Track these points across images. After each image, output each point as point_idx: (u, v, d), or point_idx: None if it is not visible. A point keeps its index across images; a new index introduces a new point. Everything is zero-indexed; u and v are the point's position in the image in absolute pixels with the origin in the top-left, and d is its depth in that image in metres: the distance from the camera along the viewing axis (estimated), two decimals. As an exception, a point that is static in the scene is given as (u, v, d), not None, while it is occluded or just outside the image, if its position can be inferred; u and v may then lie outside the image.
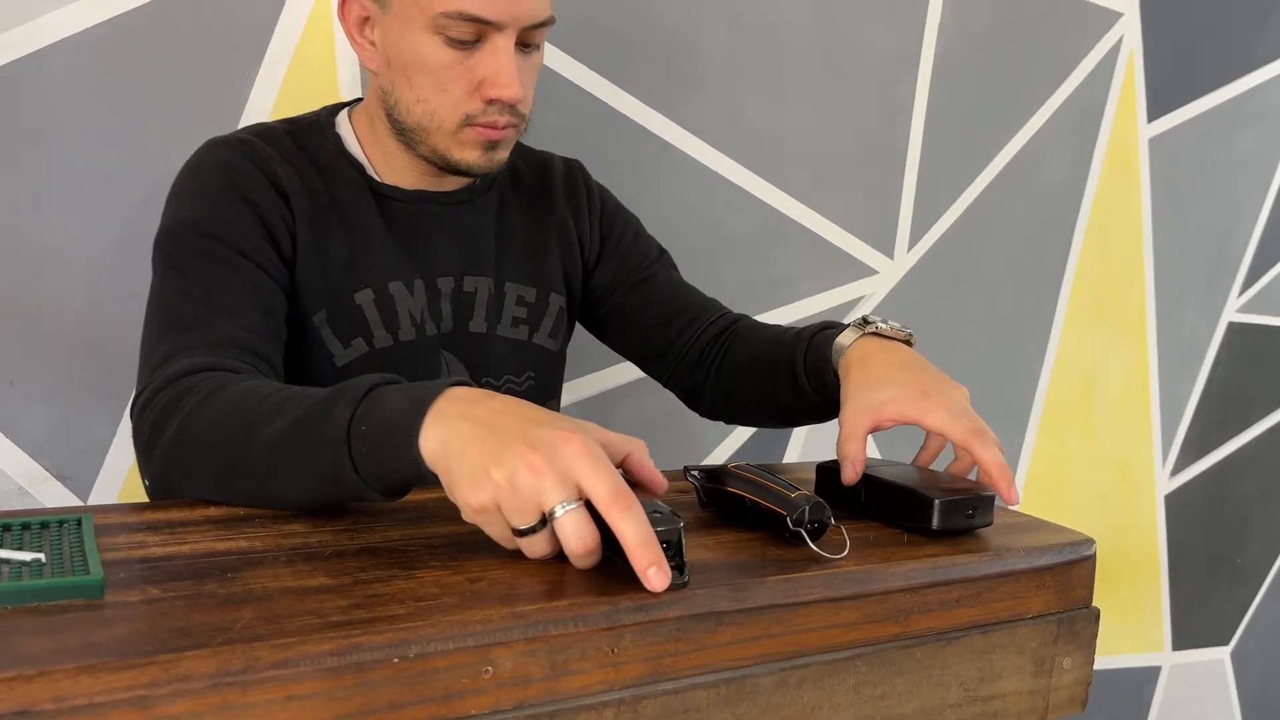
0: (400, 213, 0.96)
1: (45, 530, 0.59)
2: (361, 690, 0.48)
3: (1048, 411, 1.82)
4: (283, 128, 0.96)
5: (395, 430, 0.59)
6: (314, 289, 0.91)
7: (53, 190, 1.05)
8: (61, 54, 1.04)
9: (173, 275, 0.84)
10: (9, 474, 1.07)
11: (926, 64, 1.57)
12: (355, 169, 0.95)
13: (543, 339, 1.03)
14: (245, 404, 0.68)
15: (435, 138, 0.90)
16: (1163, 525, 2.02)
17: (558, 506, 0.55)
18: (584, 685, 0.54)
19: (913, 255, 1.62)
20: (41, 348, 1.07)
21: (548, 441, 0.55)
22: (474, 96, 0.87)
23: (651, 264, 1.09)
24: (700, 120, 1.40)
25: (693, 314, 1.06)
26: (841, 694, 0.63)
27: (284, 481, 0.64)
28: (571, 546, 0.56)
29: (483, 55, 0.86)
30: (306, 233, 0.91)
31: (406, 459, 0.58)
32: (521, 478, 0.55)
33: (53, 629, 0.47)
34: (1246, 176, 1.96)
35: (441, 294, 0.97)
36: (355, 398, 0.61)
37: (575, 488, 0.55)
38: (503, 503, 0.56)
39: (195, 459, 0.69)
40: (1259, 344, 2.06)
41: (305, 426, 0.63)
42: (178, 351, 0.77)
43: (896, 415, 0.77)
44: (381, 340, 0.93)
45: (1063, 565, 0.73)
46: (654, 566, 0.55)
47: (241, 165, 0.89)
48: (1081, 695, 0.75)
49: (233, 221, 0.86)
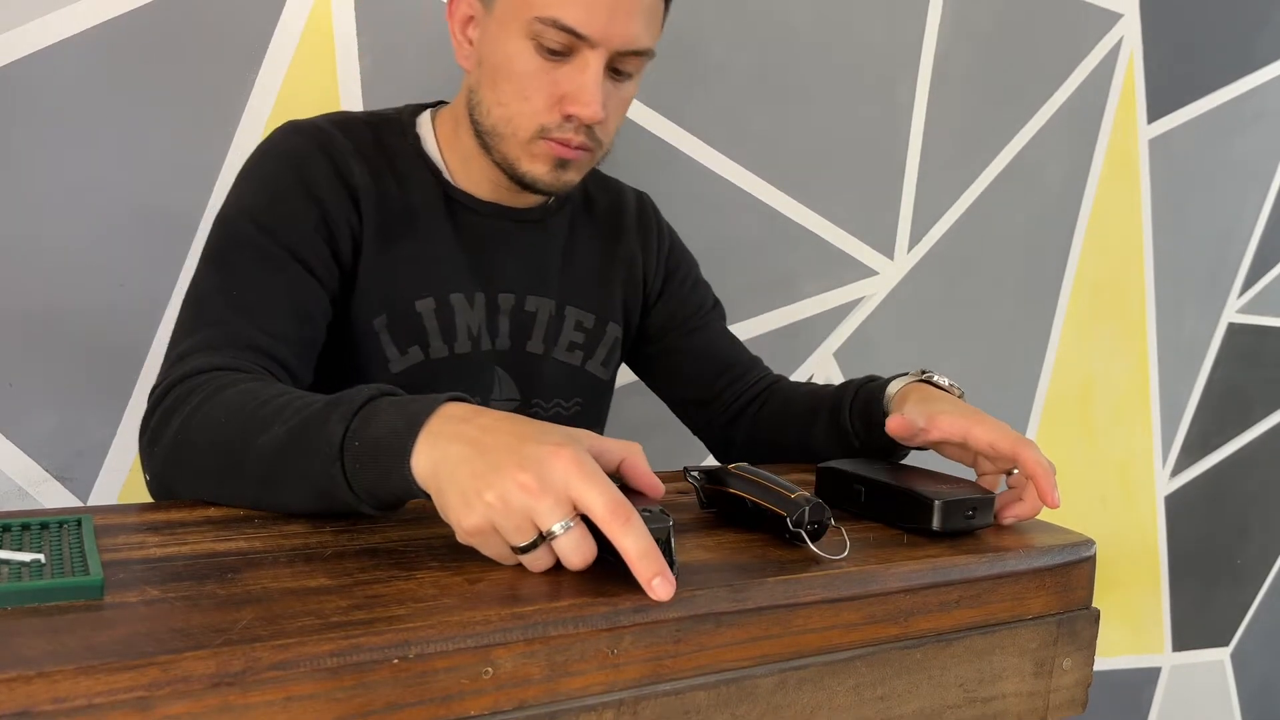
0: (471, 223, 0.95)
1: (45, 531, 0.59)
2: (361, 691, 0.48)
3: (1048, 412, 1.82)
4: (363, 120, 0.94)
5: (388, 449, 0.58)
6: (377, 293, 0.90)
7: (53, 192, 1.05)
8: (61, 56, 1.04)
9: (215, 267, 0.83)
10: (9, 474, 1.07)
11: (926, 65, 1.57)
12: (432, 173, 0.94)
13: (595, 367, 1.03)
14: (243, 408, 0.68)
15: (508, 144, 0.89)
16: (1163, 526, 2.02)
17: (555, 526, 0.54)
18: (584, 686, 0.54)
19: (913, 256, 1.62)
20: (42, 349, 1.07)
21: (538, 458, 0.54)
22: (553, 109, 0.86)
23: (706, 313, 1.10)
24: (701, 120, 1.40)
25: (740, 370, 1.08)
26: (841, 695, 0.63)
27: (280, 490, 0.64)
28: (571, 563, 0.56)
29: (570, 69, 0.85)
30: (374, 238, 0.90)
31: (398, 478, 0.58)
32: (514, 498, 0.54)
33: (52, 630, 0.47)
34: (1246, 177, 1.96)
35: (501, 310, 0.96)
36: (350, 411, 0.61)
37: (570, 504, 0.55)
38: (498, 523, 0.55)
39: (194, 461, 0.69)
40: (1259, 345, 2.06)
41: (301, 438, 0.63)
42: (199, 349, 0.77)
43: (948, 426, 0.80)
44: (437, 351, 0.92)
45: (1062, 566, 0.73)
46: (658, 577, 0.54)
47: (315, 159, 0.88)
48: (1081, 696, 0.75)
49: (292, 217, 0.85)
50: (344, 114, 0.95)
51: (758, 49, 1.43)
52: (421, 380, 0.91)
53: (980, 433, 0.78)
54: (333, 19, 1.14)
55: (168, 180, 0.89)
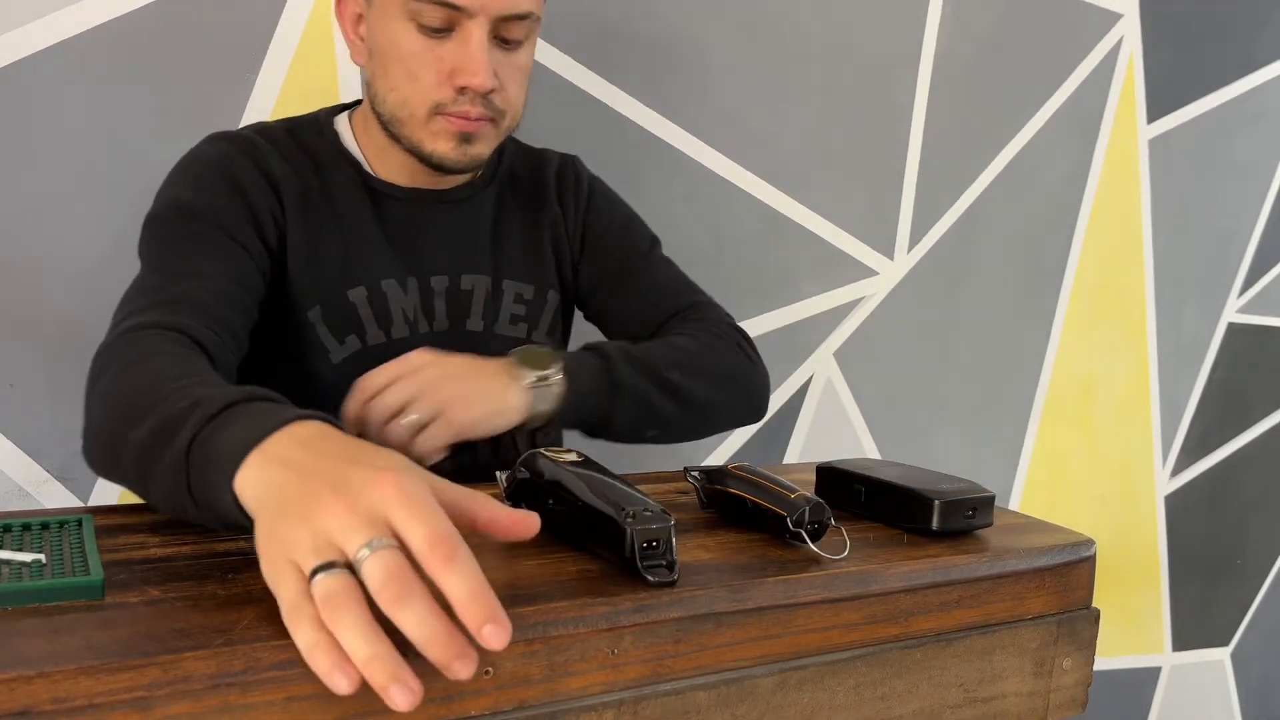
0: (395, 210, 0.96)
1: (46, 531, 0.59)
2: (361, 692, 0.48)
3: (1048, 412, 1.82)
4: (282, 126, 0.97)
5: (218, 463, 0.54)
6: (307, 285, 0.91)
7: (52, 193, 1.05)
8: (61, 57, 1.04)
9: (152, 253, 0.85)
10: (10, 475, 1.07)
11: (926, 65, 1.57)
12: (352, 166, 0.96)
13: (541, 336, 1.03)
14: (135, 392, 0.65)
15: (408, 127, 0.90)
16: (1163, 526, 2.02)
17: (362, 549, 0.46)
18: (584, 686, 0.54)
19: (913, 256, 1.62)
20: (42, 350, 1.07)
21: (358, 482, 0.48)
22: (445, 85, 0.87)
23: (637, 259, 1.07)
24: (700, 121, 1.41)
25: (667, 314, 1.03)
26: (841, 695, 0.63)
27: (150, 489, 0.61)
28: (382, 595, 0.45)
29: (454, 44, 0.87)
30: (298, 228, 0.91)
31: (224, 498, 0.53)
32: (319, 520, 0.47)
33: (53, 630, 0.47)
34: (1246, 177, 1.96)
35: (435, 292, 0.97)
36: (205, 415, 0.57)
37: (386, 528, 0.47)
38: (296, 550, 0.47)
39: (95, 448, 0.68)
40: (1259, 344, 2.06)
41: (160, 437, 0.58)
42: (134, 312, 0.78)
43: None
44: (374, 338, 0.94)
45: (1062, 566, 0.73)
46: (489, 624, 0.45)
47: (236, 158, 0.90)
48: (1081, 696, 0.75)
49: (220, 206, 0.87)
50: (263, 123, 0.97)
51: (758, 49, 1.43)
52: (364, 368, 0.91)
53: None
54: (333, 20, 1.15)
55: (168, 181, 0.90)
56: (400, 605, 0.45)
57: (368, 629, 0.45)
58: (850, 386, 1.61)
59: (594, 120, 1.33)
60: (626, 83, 1.34)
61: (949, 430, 1.72)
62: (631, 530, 0.57)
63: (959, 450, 1.73)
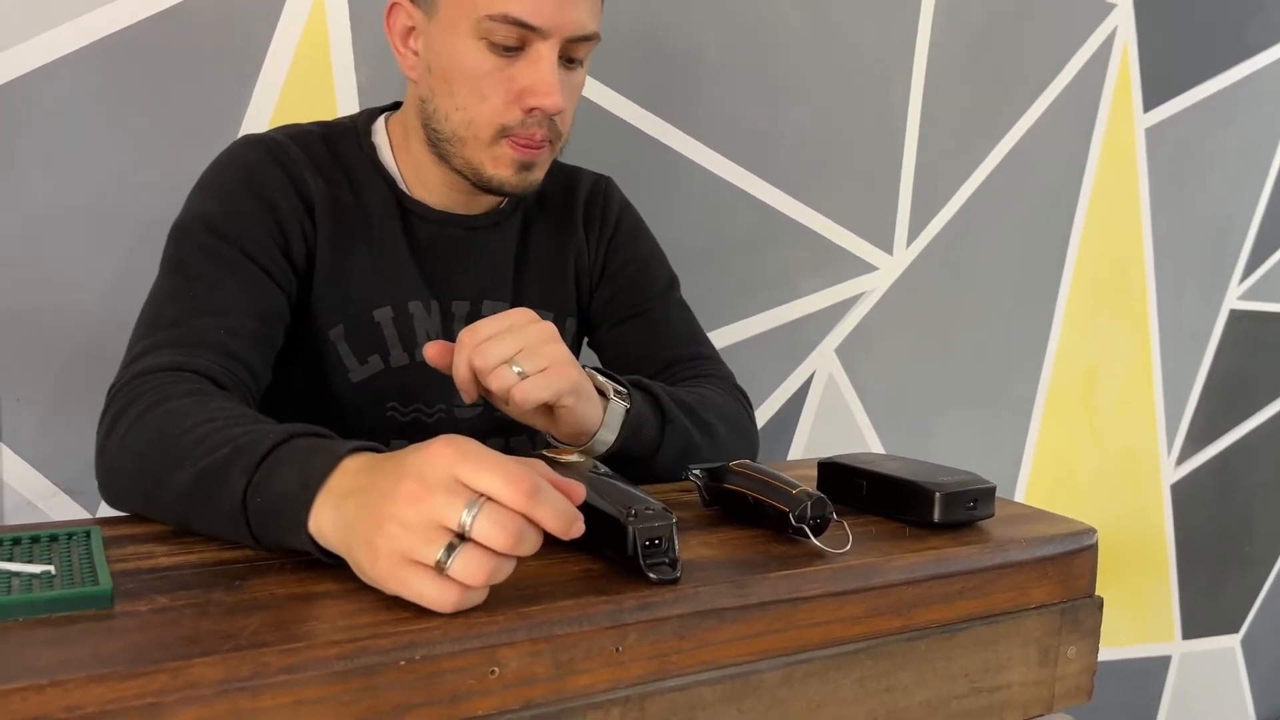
0: (424, 231, 0.95)
1: (55, 543, 0.60)
2: (369, 694, 0.49)
3: (1051, 403, 1.82)
4: (318, 131, 0.94)
5: (286, 510, 0.57)
6: (332, 304, 0.90)
7: (57, 206, 1.06)
8: (61, 72, 1.04)
9: (172, 272, 0.83)
10: (18, 489, 1.07)
11: (921, 59, 1.57)
12: (386, 183, 0.94)
13: None
14: (165, 436, 0.66)
15: (470, 149, 0.88)
16: (1170, 514, 2.02)
17: (463, 515, 0.51)
18: (589, 684, 0.55)
19: (912, 250, 1.62)
20: (49, 364, 1.07)
21: (415, 464, 0.52)
22: (513, 106, 0.86)
23: (652, 297, 1.04)
24: (697, 120, 1.41)
25: (670, 359, 1.01)
26: (846, 688, 0.64)
27: (194, 527, 0.63)
28: (502, 544, 0.51)
29: (524, 64, 0.85)
30: (328, 245, 0.90)
31: (300, 539, 0.57)
32: (408, 513, 0.51)
33: (63, 640, 0.47)
34: (1244, 164, 1.96)
35: (455, 317, 0.96)
36: (251, 463, 0.59)
37: (466, 491, 0.51)
38: (405, 550, 0.51)
39: (123, 484, 0.68)
40: (1261, 331, 2.06)
41: (207, 485, 0.61)
42: (152, 349, 0.77)
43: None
44: (398, 359, 0.92)
45: (1064, 555, 0.73)
46: (577, 523, 0.53)
47: (269, 168, 0.88)
48: (1087, 684, 0.75)
49: (246, 222, 0.85)
50: (298, 126, 0.95)
51: (752, 47, 1.43)
52: (383, 389, 0.90)
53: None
54: (328, 31, 1.15)
55: (171, 194, 0.89)
56: (520, 547, 0.52)
57: (510, 565, 0.53)
58: (853, 382, 1.61)
59: (592, 122, 1.34)
60: (623, 84, 1.35)
61: (953, 423, 1.72)
62: (634, 528, 0.58)
63: (963, 443, 1.74)
